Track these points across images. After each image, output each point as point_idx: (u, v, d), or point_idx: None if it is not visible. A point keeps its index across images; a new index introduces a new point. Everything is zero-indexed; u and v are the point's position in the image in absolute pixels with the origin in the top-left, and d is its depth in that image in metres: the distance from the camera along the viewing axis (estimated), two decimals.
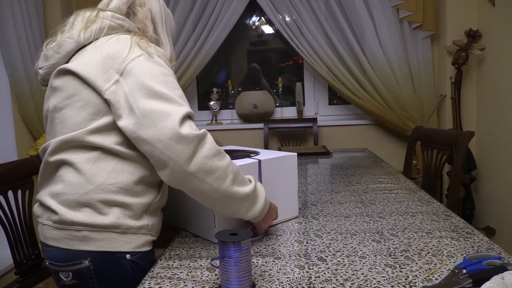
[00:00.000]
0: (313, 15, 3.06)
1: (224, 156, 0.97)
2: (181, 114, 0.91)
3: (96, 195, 0.97)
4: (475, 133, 1.92)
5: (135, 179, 1.00)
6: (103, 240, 0.97)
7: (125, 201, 0.98)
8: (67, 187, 0.98)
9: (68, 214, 0.97)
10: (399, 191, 1.57)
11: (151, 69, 0.97)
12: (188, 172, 0.90)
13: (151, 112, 0.91)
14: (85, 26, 1.05)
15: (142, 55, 1.00)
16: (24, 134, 2.81)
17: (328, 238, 1.11)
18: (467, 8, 2.83)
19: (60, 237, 0.99)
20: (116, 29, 1.08)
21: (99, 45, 1.03)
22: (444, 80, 2.95)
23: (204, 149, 0.92)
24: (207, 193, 0.95)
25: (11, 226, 1.47)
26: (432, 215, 1.27)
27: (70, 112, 1.01)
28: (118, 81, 0.97)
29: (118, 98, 0.96)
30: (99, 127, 0.99)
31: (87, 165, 0.98)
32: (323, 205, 1.43)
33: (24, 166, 1.57)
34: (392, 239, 1.08)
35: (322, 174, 1.96)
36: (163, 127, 0.90)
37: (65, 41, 1.06)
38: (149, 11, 1.15)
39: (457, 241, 1.05)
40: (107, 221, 0.97)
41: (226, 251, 0.81)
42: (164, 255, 1.05)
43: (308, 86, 3.45)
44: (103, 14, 1.07)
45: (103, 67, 0.98)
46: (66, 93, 1.02)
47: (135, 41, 1.03)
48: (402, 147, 3.13)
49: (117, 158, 1.00)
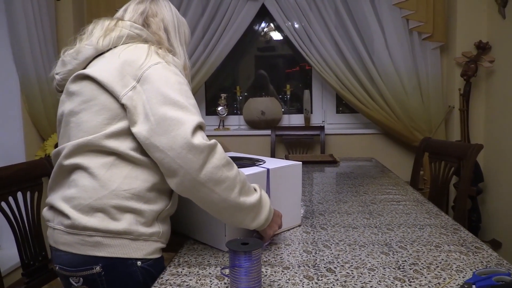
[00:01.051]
0: (323, 23, 3.07)
1: (233, 166, 0.99)
2: (194, 123, 0.93)
3: (109, 200, 0.97)
4: (483, 146, 1.92)
5: (148, 186, 1.01)
6: (115, 246, 0.98)
7: (138, 207, 0.99)
8: (81, 191, 0.99)
9: (81, 219, 0.97)
10: (407, 203, 1.56)
11: (167, 77, 0.99)
12: (197, 181, 0.92)
13: (165, 120, 0.93)
14: (104, 34, 1.07)
15: (160, 63, 1.01)
16: (33, 135, 2.83)
17: (336, 249, 1.11)
18: (477, 20, 2.84)
19: (72, 242, 0.99)
20: (134, 38, 1.10)
21: (117, 52, 1.04)
22: (452, 92, 2.95)
23: (214, 159, 0.93)
24: (215, 203, 0.96)
25: (19, 227, 1.48)
26: (441, 228, 1.27)
27: (86, 116, 1.02)
28: (135, 88, 0.98)
29: (134, 104, 0.97)
30: (114, 131, 1.00)
31: (101, 170, 0.99)
32: (331, 215, 1.43)
33: (34, 167, 1.58)
34: (400, 252, 1.08)
35: (330, 183, 1.96)
36: (176, 135, 0.91)
37: (83, 48, 1.07)
38: (162, 21, 1.18)
39: (466, 255, 1.05)
40: (119, 227, 0.97)
41: (236, 261, 0.81)
42: (173, 261, 1.05)
43: (316, 94, 3.45)
44: (122, 24, 1.09)
45: (120, 73, 1.00)
46: (83, 97, 1.03)
47: (153, 49, 1.05)
48: (409, 157, 3.12)
49: (131, 165, 1.00)
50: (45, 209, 1.09)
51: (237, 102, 3.53)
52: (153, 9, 1.19)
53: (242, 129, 3.41)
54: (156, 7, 1.20)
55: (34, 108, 2.74)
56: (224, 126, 3.43)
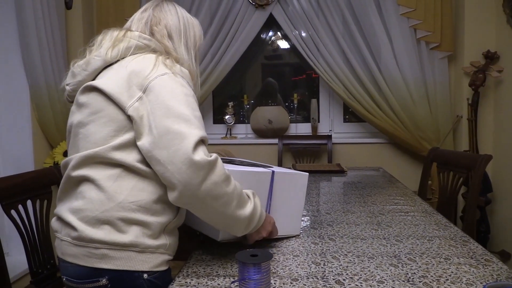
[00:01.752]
0: (330, 32, 3.08)
1: (231, 181, 0.99)
2: (196, 138, 0.93)
3: (116, 212, 0.98)
4: (492, 157, 1.91)
5: (154, 198, 1.01)
6: (121, 259, 0.98)
7: (144, 219, 0.99)
8: (88, 203, 0.99)
9: (87, 231, 0.98)
10: (415, 214, 1.55)
11: (173, 88, 1.00)
12: (196, 196, 0.93)
13: (167, 133, 0.93)
14: (113, 45, 1.08)
15: (166, 74, 1.02)
16: (42, 143, 2.85)
17: (345, 261, 1.10)
18: (485, 29, 2.83)
19: (79, 254, 0.99)
20: (142, 48, 1.10)
21: (125, 63, 1.05)
22: (460, 101, 2.94)
23: (214, 176, 0.94)
24: (211, 215, 0.99)
25: (29, 235, 1.49)
26: (450, 240, 1.26)
27: (94, 128, 1.03)
28: (141, 98, 0.99)
29: (140, 114, 0.98)
30: (121, 143, 1.00)
31: (108, 182, 0.99)
32: (339, 225, 1.42)
33: (43, 176, 1.60)
34: (410, 264, 1.07)
35: (337, 193, 1.96)
36: (177, 150, 0.91)
37: (92, 59, 1.08)
38: (165, 28, 1.17)
39: (476, 268, 1.04)
40: (126, 240, 0.97)
41: (246, 273, 0.81)
42: (182, 272, 1.05)
43: (323, 102, 3.45)
44: (130, 34, 1.10)
45: (127, 83, 1.00)
46: (91, 109, 1.04)
47: (161, 60, 1.05)
48: (416, 167, 3.11)
49: (138, 176, 1.01)
50: (54, 219, 1.10)
51: (244, 111, 3.54)
52: (156, 16, 1.18)
53: (249, 138, 3.41)
54: (159, 13, 1.19)
55: (43, 116, 2.77)
56: (231, 135, 3.44)
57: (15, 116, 2.69)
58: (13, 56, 2.65)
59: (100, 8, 3.22)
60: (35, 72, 2.66)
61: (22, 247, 1.46)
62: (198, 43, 1.24)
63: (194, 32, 1.23)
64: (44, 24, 2.67)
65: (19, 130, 2.70)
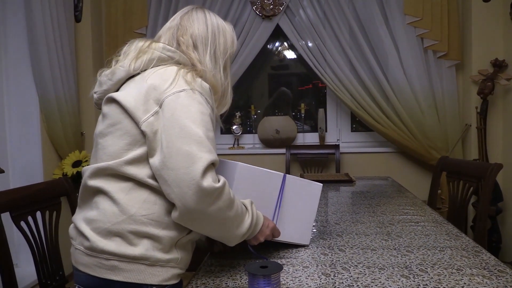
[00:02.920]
0: (337, 42, 3.09)
1: (234, 204, 0.99)
2: (206, 162, 0.91)
3: (127, 225, 0.98)
4: (503, 166, 1.89)
5: (166, 211, 1.00)
6: (131, 271, 0.97)
7: (156, 233, 0.98)
8: (101, 214, 1.00)
9: (99, 242, 0.98)
10: (425, 224, 1.54)
11: (189, 105, 0.97)
12: (198, 219, 0.94)
13: (177, 154, 0.92)
14: (136, 56, 1.07)
15: (184, 90, 0.99)
16: (51, 154, 2.87)
17: (355, 272, 1.09)
18: (493, 37, 2.82)
19: (90, 263, 1.00)
20: (165, 60, 1.08)
21: (146, 76, 1.05)
22: (469, 110, 2.92)
23: (220, 202, 0.94)
24: (210, 233, 1.03)
25: (38, 246, 1.49)
26: (462, 250, 1.24)
27: (111, 140, 1.03)
28: (157, 113, 0.98)
29: (154, 130, 0.98)
30: (134, 157, 1.00)
31: (121, 194, 0.99)
32: (348, 236, 1.41)
33: (53, 187, 1.60)
34: (421, 275, 1.06)
35: (346, 203, 1.95)
36: (185, 173, 0.90)
37: (117, 69, 1.08)
38: (190, 38, 1.14)
39: (489, 279, 1.03)
40: (136, 252, 0.97)
41: (255, 284, 0.81)
42: (191, 283, 1.05)
43: (330, 112, 3.45)
44: (155, 46, 1.09)
45: (145, 97, 1.00)
46: (110, 120, 1.05)
47: (182, 74, 1.03)
48: (425, 176, 3.09)
49: (149, 190, 1.01)
50: (71, 226, 1.10)
51: (251, 121, 3.54)
52: (183, 26, 1.15)
53: (256, 148, 3.42)
54: (186, 22, 1.16)
55: (52, 127, 2.79)
56: (239, 145, 3.44)
57: (24, 127, 2.72)
58: (23, 68, 2.69)
59: (109, 21, 3.26)
60: (44, 84, 2.69)
61: (31, 258, 1.46)
62: (229, 51, 1.20)
63: (225, 39, 1.19)
64: (54, 37, 2.71)
65: (29, 141, 2.73)
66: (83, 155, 2.91)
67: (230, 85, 1.21)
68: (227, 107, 1.23)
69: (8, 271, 1.30)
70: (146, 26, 3.15)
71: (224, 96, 1.19)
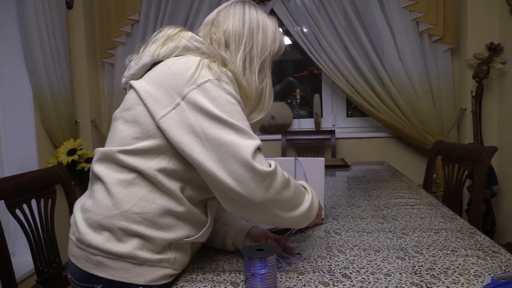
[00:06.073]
0: (332, 27, 3.07)
1: (290, 183, 0.93)
2: (253, 147, 0.85)
3: (118, 221, 0.93)
4: (498, 149, 1.89)
5: (164, 212, 0.95)
6: (116, 269, 0.93)
7: (147, 233, 0.93)
8: (95, 205, 0.96)
9: (87, 234, 0.95)
10: (421, 207, 1.55)
11: (216, 97, 0.90)
12: (258, 206, 0.87)
13: (220, 145, 0.86)
14: (163, 42, 1.02)
15: (209, 80, 0.92)
16: (46, 143, 2.86)
17: (351, 254, 1.10)
18: (489, 21, 2.81)
19: (79, 256, 0.97)
20: (191, 50, 1.01)
21: (168, 63, 0.97)
22: (464, 94, 2.92)
23: (276, 184, 0.87)
24: (270, 220, 0.94)
25: (34, 234, 1.49)
26: (457, 232, 1.25)
27: (120, 125, 0.99)
28: (179, 105, 0.91)
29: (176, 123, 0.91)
30: (141, 148, 0.94)
31: (118, 188, 0.95)
32: (344, 219, 1.42)
33: (48, 175, 1.59)
34: (416, 257, 1.06)
35: (342, 187, 1.95)
36: (235, 162, 0.84)
37: (144, 54, 1.04)
38: (223, 34, 1.07)
39: (484, 260, 1.03)
40: (123, 250, 0.92)
41: (252, 267, 0.81)
42: (187, 267, 1.05)
43: (326, 98, 3.44)
44: (183, 34, 1.02)
45: (165, 88, 0.93)
46: (124, 105, 1.01)
47: (205, 63, 0.95)
48: (421, 161, 3.10)
49: (151, 186, 0.95)
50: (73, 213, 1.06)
51: None
52: (218, 21, 1.09)
53: None
54: (222, 17, 1.09)
55: (46, 116, 2.77)
56: None
57: (18, 116, 2.70)
58: (15, 57, 2.66)
59: (101, 7, 3.22)
60: (37, 73, 2.66)
61: (27, 248, 1.46)
62: (269, 49, 1.11)
63: (265, 36, 1.09)
64: (46, 24, 2.68)
65: (23, 130, 2.71)
66: (78, 143, 2.89)
67: (269, 87, 1.12)
68: (265, 112, 1.13)
69: (4, 260, 1.30)
70: (139, 12, 3.11)
71: (261, 101, 1.11)
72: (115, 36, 3.18)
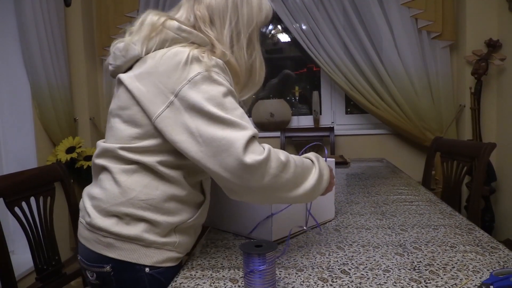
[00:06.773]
0: (331, 24, 3.06)
1: (290, 164, 0.93)
2: (244, 140, 0.86)
3: (125, 208, 0.97)
4: (496, 145, 1.89)
5: (168, 197, 0.99)
6: (125, 250, 0.98)
7: (154, 218, 0.98)
8: (103, 194, 1.01)
9: (97, 219, 0.99)
10: (420, 203, 1.55)
11: (207, 90, 0.91)
12: (257, 193, 0.91)
13: (212, 141, 0.87)
14: (149, 36, 0.99)
15: (199, 74, 0.92)
16: (44, 140, 2.85)
17: (350, 251, 1.10)
18: (487, 17, 2.81)
19: (90, 238, 1.03)
20: (179, 42, 0.99)
21: (158, 57, 0.96)
22: (463, 90, 2.92)
23: (271, 170, 0.88)
24: (275, 201, 0.99)
25: (32, 232, 1.49)
26: (455, 228, 1.25)
27: (118, 124, 1.01)
28: (172, 103, 0.92)
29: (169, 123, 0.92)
30: (143, 147, 0.98)
31: (123, 177, 0.99)
32: (343, 216, 1.42)
33: (46, 172, 1.59)
34: (415, 253, 1.07)
35: (341, 184, 1.95)
36: (227, 156, 0.86)
37: (130, 46, 1.01)
38: (206, 10, 1.03)
39: (482, 255, 1.03)
40: (131, 232, 0.98)
41: (251, 263, 0.81)
42: (187, 264, 1.05)
43: (325, 95, 3.44)
44: (169, 25, 0.99)
45: (157, 87, 0.94)
46: (120, 103, 1.01)
47: (195, 55, 0.94)
48: (420, 157, 3.10)
49: (154, 175, 0.99)
50: (82, 199, 1.10)
51: None
52: None
53: None
54: None
55: (45, 114, 2.77)
56: None
57: (17, 114, 2.70)
58: (13, 54, 2.65)
59: (99, 5, 3.21)
60: (35, 70, 2.66)
61: (27, 246, 1.46)
62: (255, 20, 1.06)
63: (251, 7, 1.05)
64: (44, 21, 2.67)
65: (21, 128, 2.71)
66: (77, 141, 2.89)
67: (259, 60, 1.10)
68: (258, 87, 1.14)
69: (4, 258, 1.30)
70: (137, 10, 3.10)
71: (251, 76, 1.10)
72: (113, 33, 3.17)
